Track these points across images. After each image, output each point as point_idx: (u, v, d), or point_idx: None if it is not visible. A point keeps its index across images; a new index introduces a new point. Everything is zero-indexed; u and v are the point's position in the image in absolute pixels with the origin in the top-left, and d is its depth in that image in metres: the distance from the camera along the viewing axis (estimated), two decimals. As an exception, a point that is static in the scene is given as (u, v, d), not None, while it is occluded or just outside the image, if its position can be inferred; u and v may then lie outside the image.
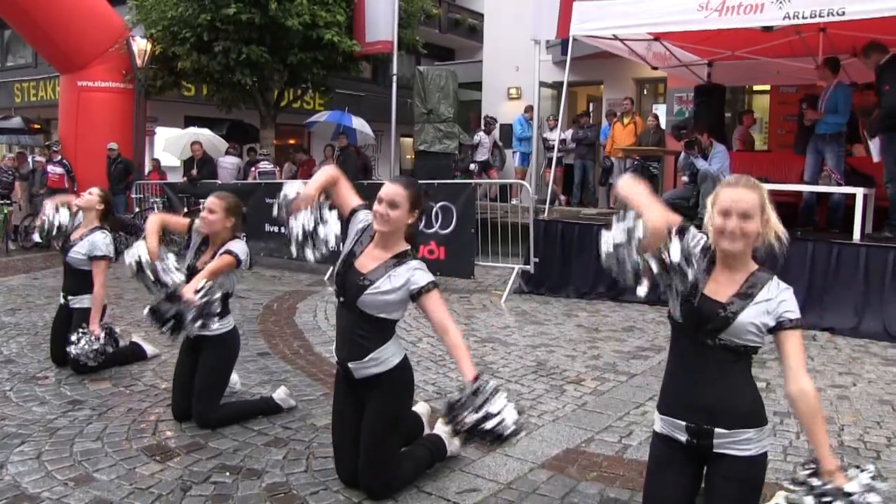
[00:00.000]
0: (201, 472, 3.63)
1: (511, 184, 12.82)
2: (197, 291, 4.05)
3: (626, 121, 13.26)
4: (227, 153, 15.14)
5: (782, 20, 7.28)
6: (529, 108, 14.20)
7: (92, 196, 5.54)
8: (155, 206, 13.32)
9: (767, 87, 12.46)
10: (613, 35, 9.12)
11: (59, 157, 13.86)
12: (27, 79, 22.94)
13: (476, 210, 8.97)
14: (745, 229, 2.55)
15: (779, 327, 2.56)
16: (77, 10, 13.93)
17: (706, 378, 2.64)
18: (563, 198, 14.44)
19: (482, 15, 20.75)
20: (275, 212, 3.36)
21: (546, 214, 9.54)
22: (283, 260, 10.77)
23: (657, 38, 9.52)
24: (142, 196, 13.67)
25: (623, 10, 8.48)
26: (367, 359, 3.34)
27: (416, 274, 3.29)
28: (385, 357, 3.37)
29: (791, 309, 2.57)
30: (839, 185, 8.06)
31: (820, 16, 7.05)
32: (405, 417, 3.61)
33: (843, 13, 6.87)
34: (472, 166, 15.68)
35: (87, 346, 5.15)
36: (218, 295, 4.17)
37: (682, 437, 2.71)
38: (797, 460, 3.87)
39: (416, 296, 3.28)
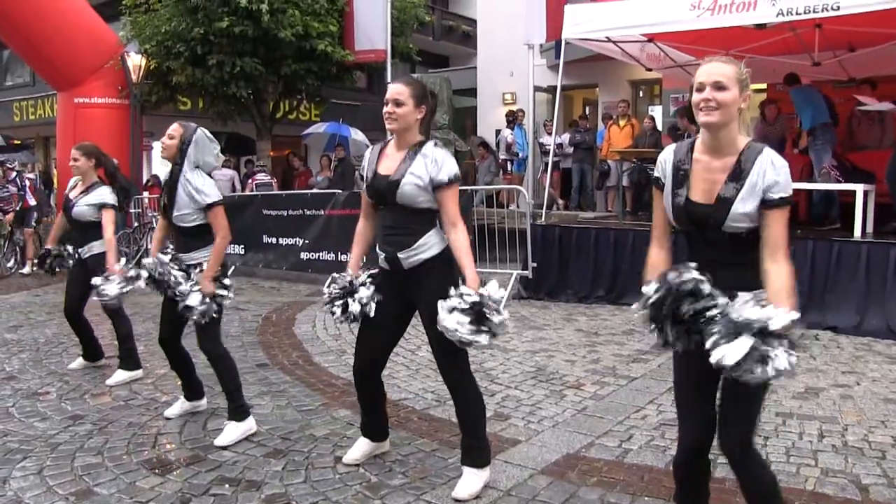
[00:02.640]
0: (201, 485, 3.62)
1: (508, 189, 12.82)
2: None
3: (622, 123, 13.25)
4: (222, 166, 15.15)
5: (775, 17, 7.28)
6: (521, 113, 14.24)
7: (79, 161, 5.54)
8: (154, 220, 13.31)
9: (764, 86, 12.44)
10: (606, 37, 9.13)
11: (13, 176, 12.90)
12: (26, 97, 23.00)
13: (473, 216, 8.95)
14: (720, 99, 2.51)
15: (762, 206, 2.51)
16: (71, 26, 13.95)
17: (721, 260, 2.58)
18: (560, 202, 14.44)
19: (475, 21, 20.78)
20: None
21: (543, 219, 9.52)
22: (282, 271, 10.76)
23: (650, 39, 9.52)
24: (140, 211, 13.66)
25: (615, 12, 8.50)
26: (416, 245, 3.49)
27: (436, 166, 3.42)
28: (432, 242, 3.51)
29: (777, 184, 2.49)
30: (838, 181, 8.04)
31: (814, 11, 7.03)
32: None
33: (838, 8, 6.86)
34: (511, 167, 15.26)
35: (112, 287, 5.24)
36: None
37: None
38: (800, 461, 3.86)
39: (435, 189, 3.43)
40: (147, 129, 17.44)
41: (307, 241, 10.41)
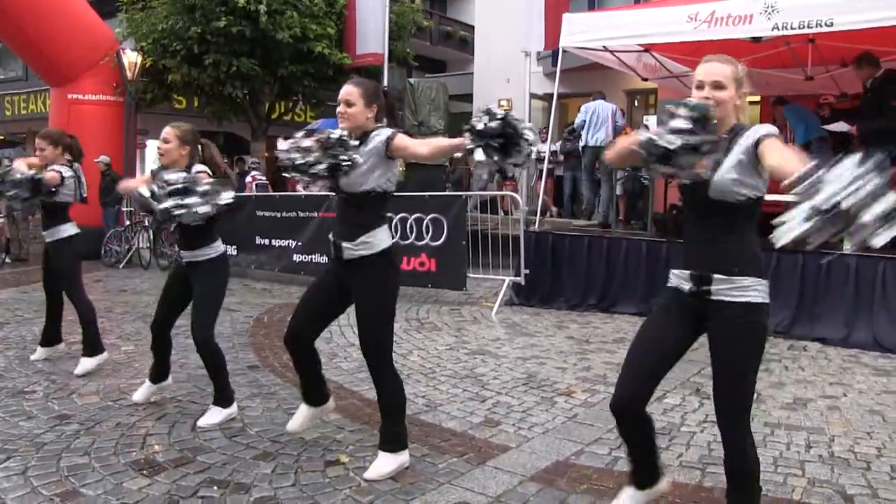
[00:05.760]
0: (189, 487, 3.60)
1: (501, 195, 12.80)
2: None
3: (616, 132, 13.25)
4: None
5: (771, 31, 7.35)
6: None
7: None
8: (146, 219, 13.24)
9: (758, 98, 12.51)
10: (603, 47, 9.16)
11: None
12: (17, 92, 22.89)
13: (467, 222, 8.96)
14: (718, 97, 2.68)
15: (754, 149, 2.62)
16: (67, 22, 13.90)
17: (711, 235, 2.78)
18: (554, 209, 14.44)
19: (473, 27, 20.83)
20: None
21: (537, 226, 9.54)
22: (274, 273, 10.75)
23: (647, 49, 9.56)
24: (133, 209, 13.59)
25: (613, 22, 8.55)
26: (357, 241, 3.62)
27: (379, 137, 3.60)
28: (374, 241, 3.63)
29: (759, 132, 2.63)
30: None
31: (808, 27, 7.13)
32: (392, 309, 3.75)
33: (832, 24, 6.95)
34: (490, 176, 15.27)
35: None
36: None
37: (687, 286, 2.84)
38: (787, 471, 3.87)
39: (386, 148, 3.57)
40: (141, 127, 17.37)
41: (300, 243, 10.41)
